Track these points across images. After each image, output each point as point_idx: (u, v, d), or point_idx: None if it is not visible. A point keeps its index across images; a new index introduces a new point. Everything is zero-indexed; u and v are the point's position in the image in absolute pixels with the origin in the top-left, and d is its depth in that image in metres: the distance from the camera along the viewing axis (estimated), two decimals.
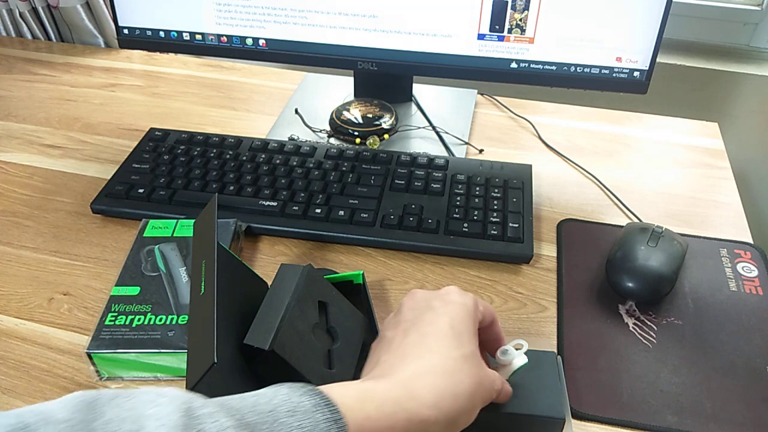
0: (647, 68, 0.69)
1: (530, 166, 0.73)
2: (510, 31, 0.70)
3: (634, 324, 0.58)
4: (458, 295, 0.45)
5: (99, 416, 0.29)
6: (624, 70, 0.70)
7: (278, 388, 0.35)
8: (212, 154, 0.74)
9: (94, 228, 0.68)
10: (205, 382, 0.38)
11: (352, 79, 0.87)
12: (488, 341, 0.48)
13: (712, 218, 0.71)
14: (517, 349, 0.48)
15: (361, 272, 0.55)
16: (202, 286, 0.44)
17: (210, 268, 0.44)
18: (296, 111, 0.86)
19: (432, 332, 0.42)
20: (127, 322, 0.53)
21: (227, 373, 0.40)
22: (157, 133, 0.78)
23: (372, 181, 0.70)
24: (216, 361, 0.38)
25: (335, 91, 0.90)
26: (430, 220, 0.65)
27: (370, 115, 0.82)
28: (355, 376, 0.49)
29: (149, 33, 0.78)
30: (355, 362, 0.49)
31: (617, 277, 0.59)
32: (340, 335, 0.48)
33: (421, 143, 0.80)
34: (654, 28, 0.67)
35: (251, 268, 0.53)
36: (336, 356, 0.47)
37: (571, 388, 0.52)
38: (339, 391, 0.36)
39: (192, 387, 0.38)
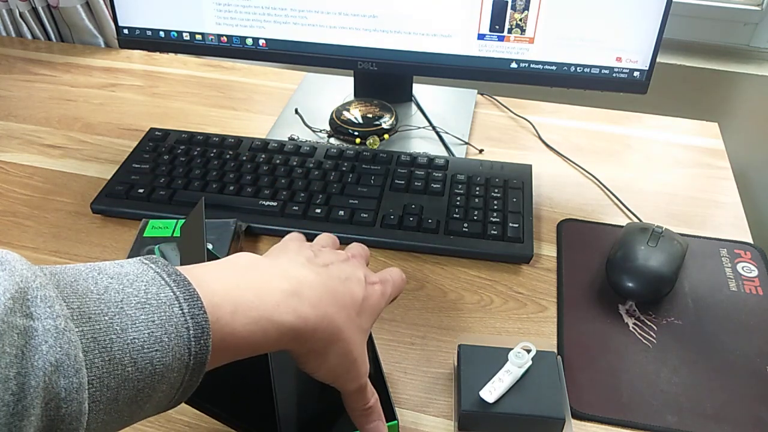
0: (647, 68, 0.69)
1: (530, 166, 0.73)
2: (510, 31, 0.70)
3: (634, 324, 0.58)
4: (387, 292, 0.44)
5: None
6: (624, 70, 0.70)
7: (145, 271, 0.31)
8: (212, 154, 0.74)
9: (94, 228, 0.68)
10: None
11: (352, 79, 0.87)
12: None
13: (712, 218, 0.71)
14: (527, 352, 0.49)
15: None
16: None
17: None
18: (296, 111, 0.86)
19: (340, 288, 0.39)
20: None
21: (218, 375, 0.40)
22: (157, 133, 0.78)
23: (372, 181, 0.70)
24: None
25: (335, 91, 0.90)
26: (430, 220, 0.65)
27: (370, 115, 0.82)
28: None
29: (149, 33, 0.78)
30: None
31: (617, 277, 0.59)
32: None
33: (421, 143, 0.80)
34: (654, 28, 0.67)
35: None
36: None
37: (571, 388, 0.52)
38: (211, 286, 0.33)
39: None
